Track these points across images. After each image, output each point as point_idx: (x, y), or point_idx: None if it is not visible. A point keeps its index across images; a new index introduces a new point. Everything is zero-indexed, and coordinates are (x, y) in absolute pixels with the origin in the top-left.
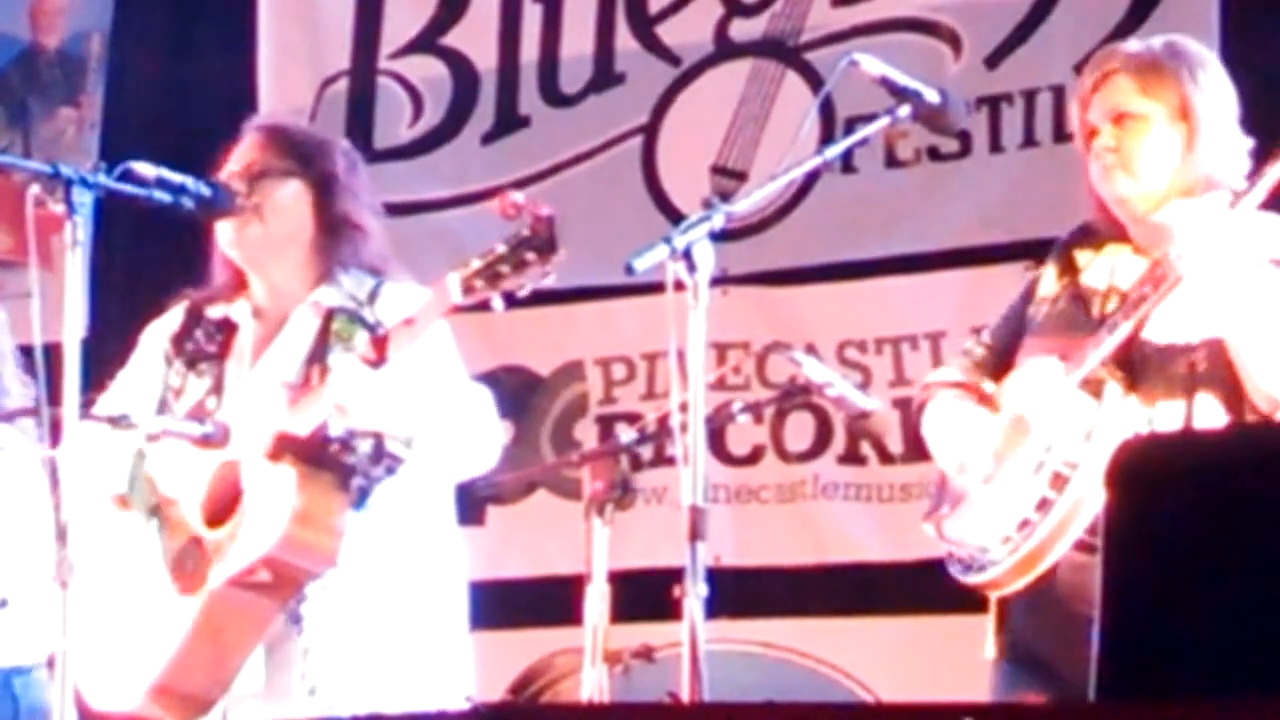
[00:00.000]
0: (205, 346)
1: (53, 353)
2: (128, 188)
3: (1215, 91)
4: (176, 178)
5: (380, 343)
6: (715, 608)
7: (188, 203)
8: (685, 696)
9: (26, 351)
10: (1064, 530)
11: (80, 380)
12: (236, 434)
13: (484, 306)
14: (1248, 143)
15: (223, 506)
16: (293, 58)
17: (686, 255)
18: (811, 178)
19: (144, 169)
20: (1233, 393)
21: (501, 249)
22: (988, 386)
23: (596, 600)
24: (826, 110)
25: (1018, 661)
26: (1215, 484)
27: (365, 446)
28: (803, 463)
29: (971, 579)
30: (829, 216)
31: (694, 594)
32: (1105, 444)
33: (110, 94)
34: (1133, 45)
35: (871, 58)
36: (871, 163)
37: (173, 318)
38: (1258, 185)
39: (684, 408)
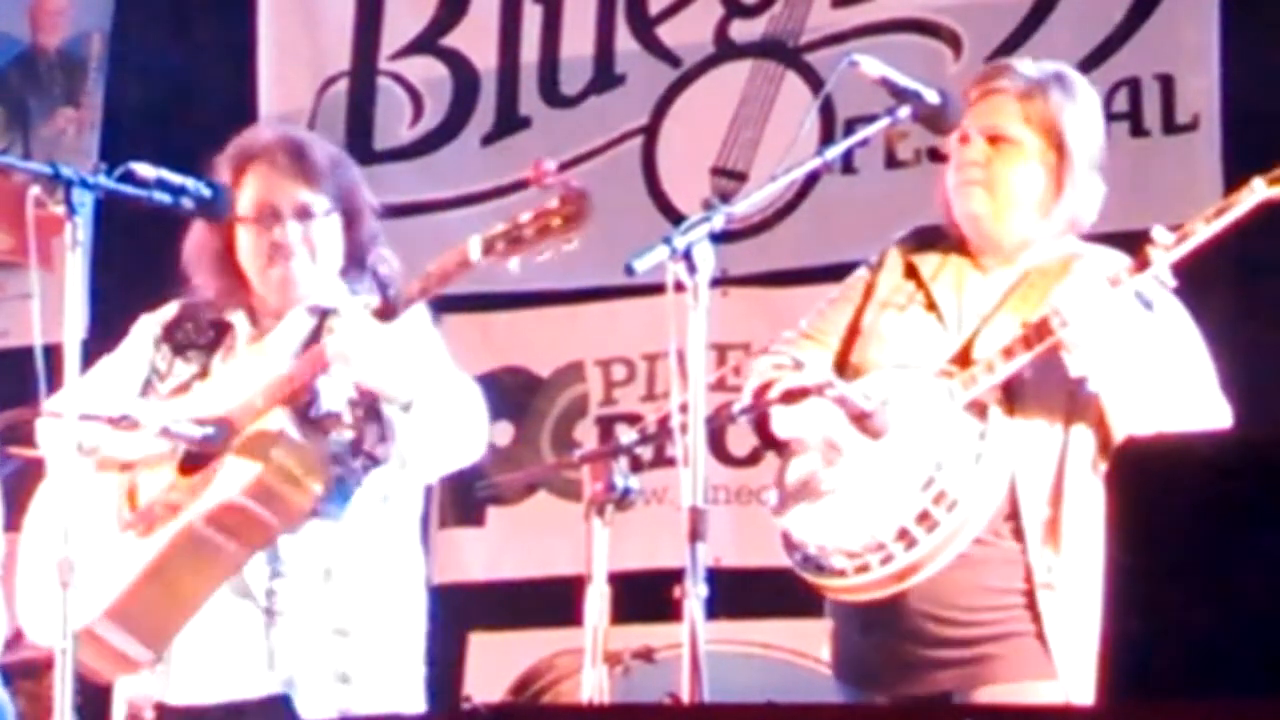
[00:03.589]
0: (196, 338)
1: (53, 353)
2: (128, 189)
3: (1090, 130)
4: (176, 179)
5: (390, 300)
6: (715, 608)
7: (188, 204)
8: (685, 697)
9: (27, 352)
10: (945, 547)
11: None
12: (224, 399)
13: (490, 305)
14: (1102, 188)
15: (202, 455)
16: (293, 58)
17: (687, 256)
18: (811, 178)
19: (144, 170)
20: (1104, 423)
21: (527, 215)
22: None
23: (597, 601)
24: (826, 111)
25: (850, 680)
26: (1215, 484)
27: (345, 436)
28: None
29: (826, 581)
30: (829, 217)
31: (694, 595)
32: (992, 469)
33: (110, 94)
34: (1026, 68)
35: (871, 58)
36: (871, 163)
37: (166, 310)
38: (1161, 261)
39: (684, 409)
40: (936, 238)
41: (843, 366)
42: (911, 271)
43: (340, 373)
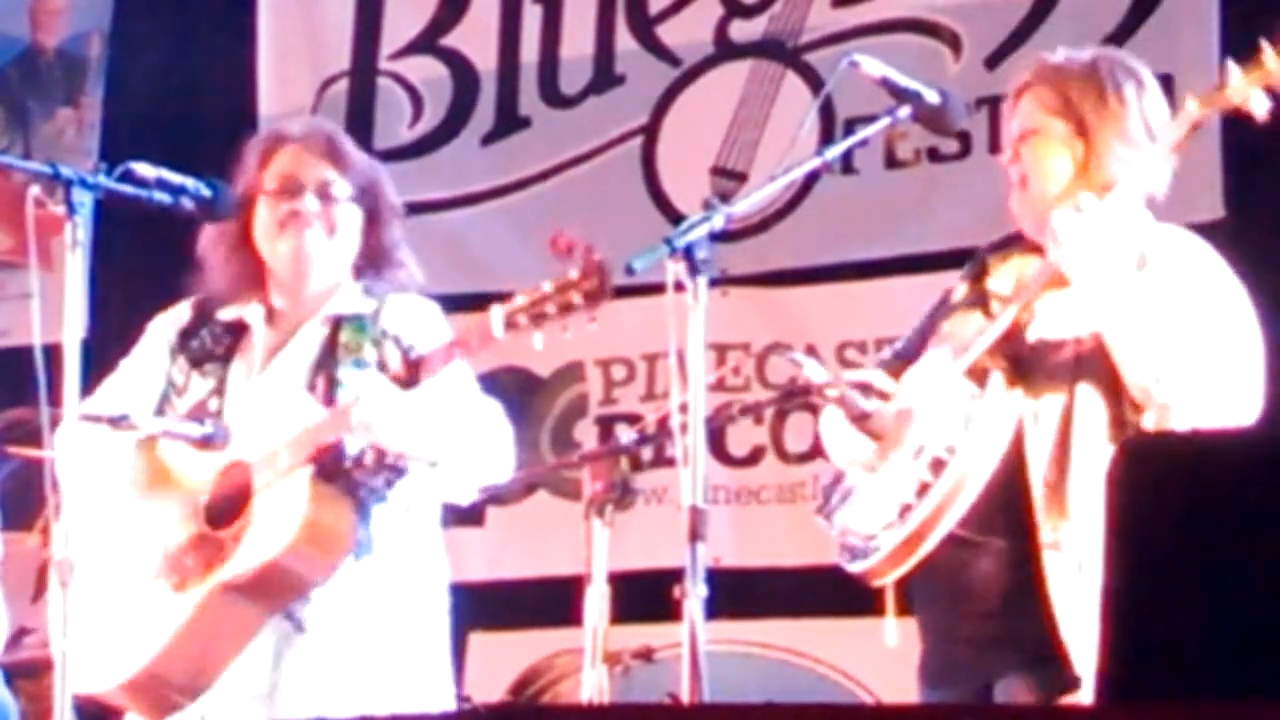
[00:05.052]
0: (212, 347)
1: (53, 353)
2: (128, 188)
3: (1130, 109)
4: (176, 178)
5: (414, 365)
6: (715, 608)
7: (188, 203)
8: (685, 697)
9: (27, 352)
10: (940, 515)
11: (80, 380)
12: (239, 436)
13: (490, 305)
14: (1166, 161)
15: (229, 507)
16: (293, 58)
17: (687, 256)
18: (811, 178)
19: (144, 169)
20: (1112, 386)
21: (548, 288)
22: (887, 385)
23: (596, 601)
24: (826, 111)
25: (922, 680)
26: (1215, 484)
27: (368, 457)
28: (802, 464)
29: (855, 567)
30: (829, 217)
31: (694, 595)
32: (983, 432)
33: (110, 94)
34: (1056, 57)
35: (871, 59)
36: (871, 163)
37: (181, 312)
38: (1131, 177)
39: (684, 409)
40: (1018, 239)
41: None
42: (982, 273)
43: (361, 438)
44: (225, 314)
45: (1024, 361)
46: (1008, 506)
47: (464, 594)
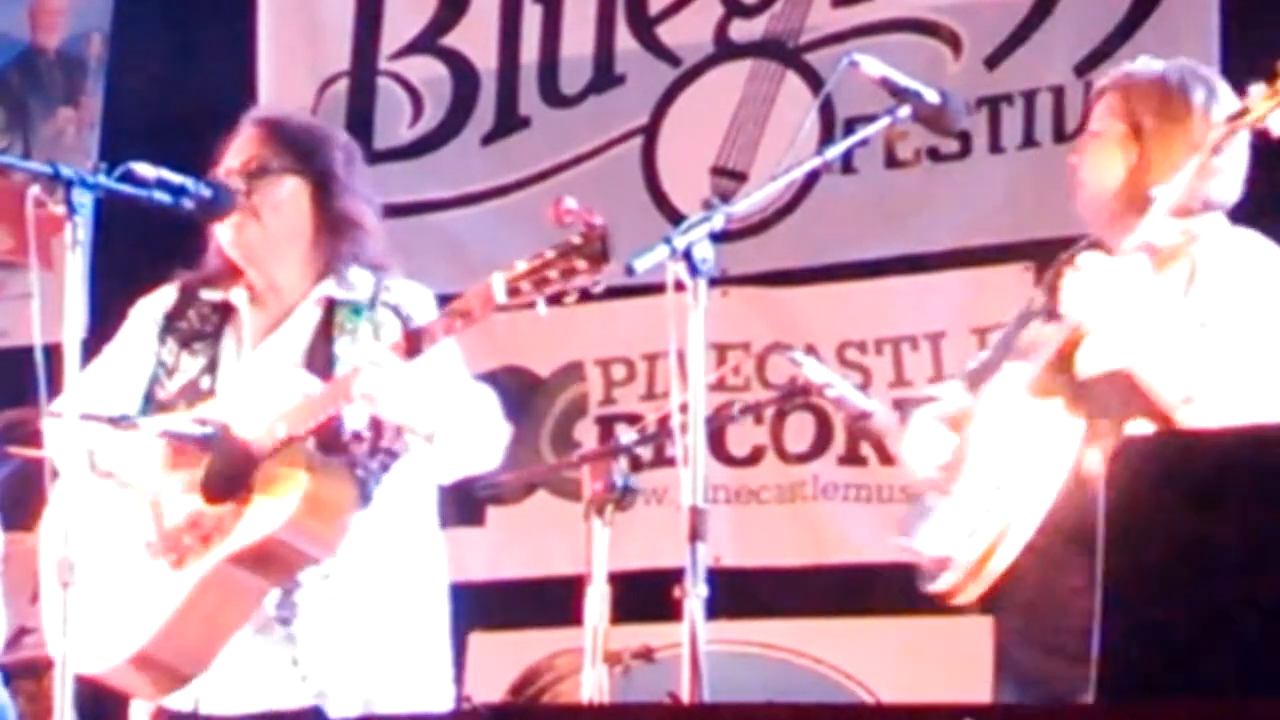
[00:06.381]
0: (200, 326)
1: (53, 353)
2: (128, 188)
3: (1195, 115)
4: (176, 179)
5: (415, 335)
6: (715, 608)
7: (188, 204)
8: (685, 697)
9: (27, 352)
10: (1005, 537)
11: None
12: (234, 411)
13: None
14: (1231, 169)
15: (227, 482)
16: (293, 58)
17: (687, 256)
18: (811, 178)
19: (144, 170)
20: (1163, 416)
21: (550, 254)
22: (966, 402)
23: (597, 601)
24: (826, 111)
25: (1012, 680)
26: (1213, 484)
27: (365, 434)
28: (803, 463)
29: (932, 588)
30: (829, 217)
31: (694, 594)
32: (1041, 457)
33: (110, 94)
34: (1136, 64)
35: (871, 58)
36: (871, 163)
37: (165, 295)
38: (1144, 222)
39: (684, 408)
40: (1092, 246)
41: None
42: (1056, 280)
43: (362, 410)
44: (210, 294)
45: (1085, 389)
46: (1082, 530)
47: (464, 594)
